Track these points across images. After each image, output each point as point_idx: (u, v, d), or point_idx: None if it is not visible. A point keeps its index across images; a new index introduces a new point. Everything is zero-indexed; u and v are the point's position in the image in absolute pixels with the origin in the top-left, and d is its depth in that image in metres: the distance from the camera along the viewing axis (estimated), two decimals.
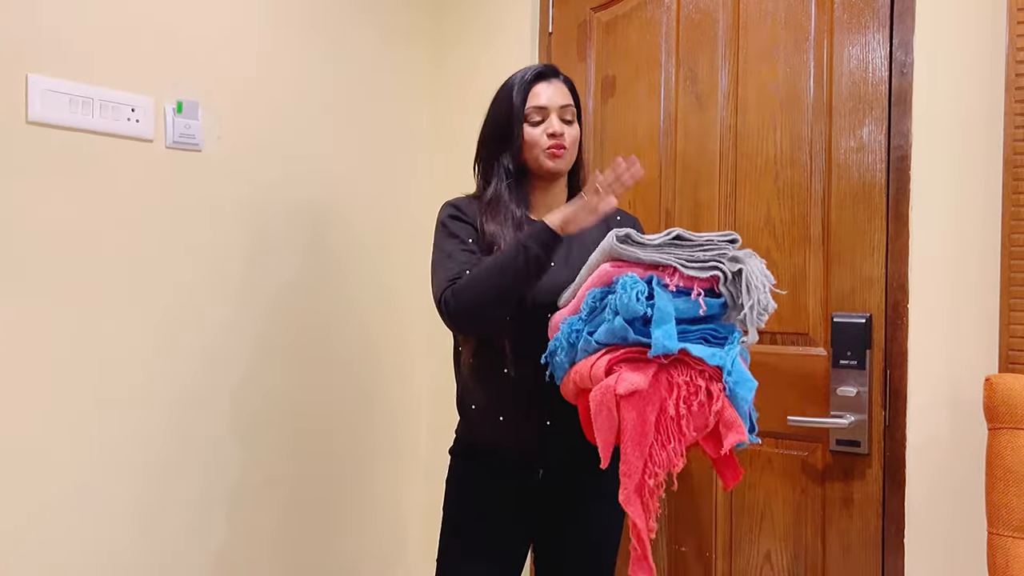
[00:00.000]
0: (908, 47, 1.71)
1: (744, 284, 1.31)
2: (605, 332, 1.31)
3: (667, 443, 1.26)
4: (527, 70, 1.67)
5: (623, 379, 1.25)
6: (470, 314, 1.50)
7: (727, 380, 1.28)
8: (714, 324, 1.34)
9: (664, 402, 1.26)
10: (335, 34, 2.26)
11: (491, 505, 1.63)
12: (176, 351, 1.90)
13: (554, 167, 1.63)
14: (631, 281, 1.29)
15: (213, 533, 1.99)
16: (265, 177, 2.08)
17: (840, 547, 1.80)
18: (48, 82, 1.67)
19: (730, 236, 1.34)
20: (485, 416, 1.63)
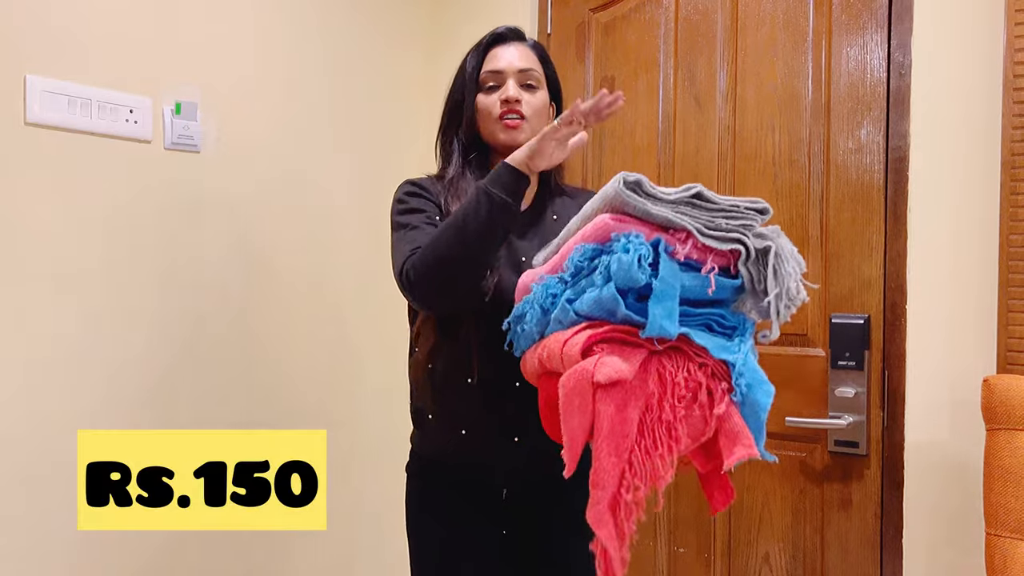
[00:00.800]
0: (906, 48, 1.72)
1: (771, 266, 1.04)
2: (590, 302, 1.05)
3: (653, 450, 0.99)
4: (486, 35, 1.50)
5: (604, 363, 0.99)
6: (435, 280, 1.28)
7: (738, 381, 1.02)
8: (722, 309, 1.08)
9: (652, 399, 1.01)
10: (333, 35, 2.26)
11: (456, 533, 1.44)
12: (175, 352, 1.90)
13: (508, 139, 1.41)
14: (636, 241, 1.02)
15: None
16: (263, 178, 2.08)
17: (838, 548, 1.81)
18: (47, 83, 1.67)
19: (759, 204, 1.05)
20: (445, 428, 1.42)
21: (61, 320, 1.71)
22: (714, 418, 1.02)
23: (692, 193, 1.04)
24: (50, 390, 1.69)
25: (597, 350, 1.02)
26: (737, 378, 1.02)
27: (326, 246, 2.23)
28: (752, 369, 1.04)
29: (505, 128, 1.42)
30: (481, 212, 1.24)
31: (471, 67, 1.46)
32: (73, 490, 1.33)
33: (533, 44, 1.51)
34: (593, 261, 1.08)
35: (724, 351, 1.04)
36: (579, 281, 1.11)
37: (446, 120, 1.51)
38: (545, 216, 1.49)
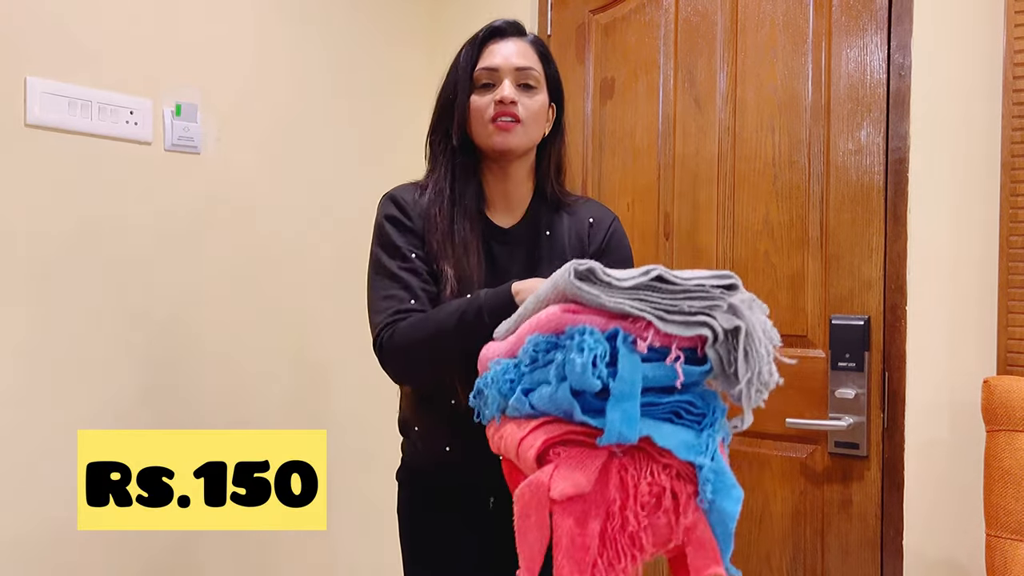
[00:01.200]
0: (906, 50, 1.72)
1: (741, 348, 0.94)
2: (546, 400, 0.97)
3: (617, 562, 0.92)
4: (483, 28, 1.40)
5: (560, 478, 0.92)
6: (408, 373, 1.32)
7: (703, 487, 0.93)
8: (691, 394, 0.98)
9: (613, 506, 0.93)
10: (334, 36, 2.26)
11: (446, 542, 1.42)
12: (175, 352, 1.90)
13: (501, 143, 1.33)
14: (589, 339, 0.93)
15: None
16: (264, 180, 2.08)
17: (839, 549, 1.80)
18: (47, 84, 1.67)
19: (727, 279, 0.95)
20: (429, 443, 1.42)
21: (61, 321, 1.71)
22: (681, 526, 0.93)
23: (652, 276, 0.94)
24: (50, 390, 1.69)
25: (553, 456, 0.95)
26: (703, 484, 0.93)
27: (327, 247, 2.23)
28: (719, 472, 0.94)
29: (498, 130, 1.32)
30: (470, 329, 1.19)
31: (465, 63, 1.36)
32: (73, 490, 1.33)
33: (533, 40, 1.41)
34: (548, 353, 0.99)
35: (690, 451, 0.94)
36: (534, 370, 1.01)
37: (436, 119, 1.41)
38: (538, 232, 1.41)
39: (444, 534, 1.42)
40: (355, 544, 2.32)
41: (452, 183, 1.36)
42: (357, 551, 2.33)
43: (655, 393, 0.95)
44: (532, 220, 1.41)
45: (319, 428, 1.47)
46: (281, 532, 2.12)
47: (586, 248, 1.41)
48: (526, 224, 1.41)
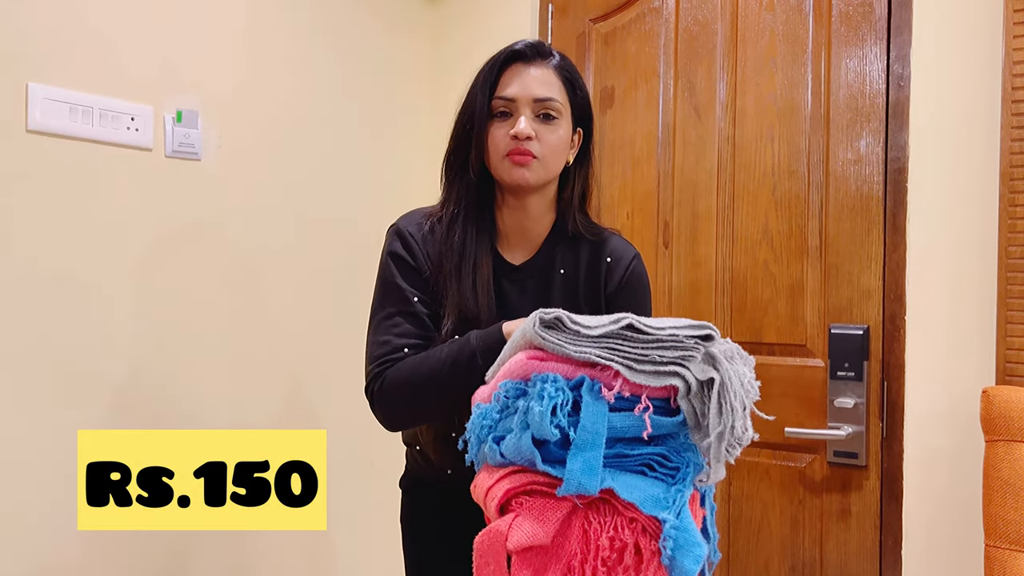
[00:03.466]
0: (905, 60, 1.73)
1: (715, 401, 0.91)
2: (511, 448, 0.95)
3: None
4: (504, 49, 1.29)
5: (517, 528, 0.90)
6: (399, 421, 1.31)
7: (664, 544, 0.90)
8: (665, 447, 0.95)
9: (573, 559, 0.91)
10: (334, 43, 2.27)
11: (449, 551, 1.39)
12: (175, 357, 1.90)
13: (515, 180, 1.25)
14: (550, 387, 0.91)
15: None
16: (264, 186, 2.08)
17: (838, 559, 1.80)
18: (48, 91, 1.67)
19: (703, 330, 0.92)
20: (432, 463, 1.39)
21: (62, 324, 1.71)
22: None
23: (622, 325, 0.92)
24: (50, 391, 1.69)
25: (515, 506, 0.94)
26: (664, 540, 0.90)
27: (327, 253, 2.23)
28: (684, 530, 0.91)
29: (514, 165, 1.24)
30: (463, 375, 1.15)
31: (483, 89, 1.26)
32: (73, 490, 1.33)
33: (558, 64, 1.29)
34: (517, 400, 0.97)
35: (657, 505, 0.91)
36: (505, 418, 0.99)
37: (453, 147, 1.32)
38: (552, 269, 1.34)
39: (447, 544, 1.40)
40: (355, 544, 2.32)
41: (466, 217, 1.29)
42: (357, 551, 2.32)
43: (626, 444, 0.93)
44: (547, 257, 1.34)
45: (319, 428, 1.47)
46: (281, 532, 2.12)
47: (601, 288, 1.34)
48: (540, 261, 1.34)
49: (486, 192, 1.31)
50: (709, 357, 0.92)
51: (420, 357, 1.23)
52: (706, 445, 0.92)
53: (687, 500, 0.93)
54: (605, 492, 0.91)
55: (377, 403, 1.27)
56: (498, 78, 1.26)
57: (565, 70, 1.29)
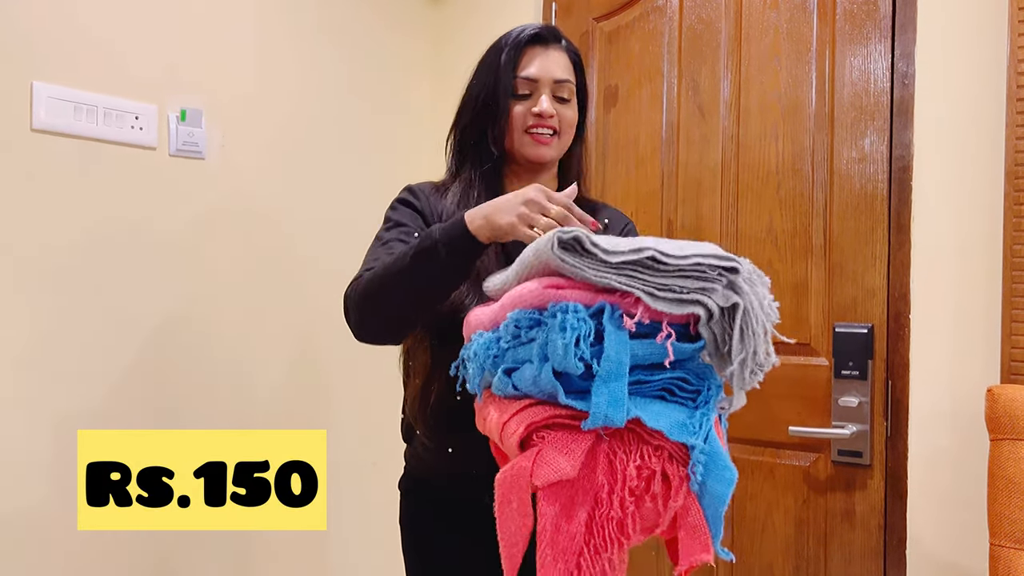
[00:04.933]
0: (910, 58, 1.72)
1: (737, 327, 0.88)
2: (528, 382, 0.92)
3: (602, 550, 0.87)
4: (522, 29, 1.37)
5: (543, 462, 0.86)
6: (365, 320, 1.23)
7: (694, 469, 0.88)
8: (684, 370, 0.92)
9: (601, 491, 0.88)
10: (337, 42, 2.27)
11: (449, 553, 1.41)
12: (177, 355, 1.91)
13: (537, 155, 1.34)
14: (572, 318, 0.87)
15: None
16: (268, 184, 2.09)
17: (842, 558, 1.80)
18: (53, 90, 1.68)
19: (730, 262, 0.88)
20: (431, 446, 1.38)
21: (65, 323, 1.71)
22: (670, 510, 0.89)
23: (644, 256, 0.87)
24: (52, 391, 1.70)
25: (536, 440, 0.89)
26: (694, 465, 0.88)
27: (331, 251, 2.24)
28: (713, 454, 0.89)
29: (534, 143, 1.33)
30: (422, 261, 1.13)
31: (505, 67, 1.32)
32: (73, 490, 1.34)
33: (569, 48, 1.40)
34: (531, 330, 0.93)
35: (683, 431, 0.89)
36: (517, 348, 0.95)
37: (467, 119, 1.37)
38: None
39: (447, 545, 1.41)
40: (355, 545, 2.32)
41: (480, 182, 1.34)
42: (357, 552, 2.33)
43: (645, 370, 0.90)
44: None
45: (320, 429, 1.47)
46: (281, 532, 2.12)
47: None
48: None
49: (499, 163, 1.37)
50: (731, 284, 0.89)
51: (385, 261, 1.20)
52: (729, 372, 0.91)
53: (712, 424, 0.90)
54: (631, 422, 0.88)
55: (348, 308, 1.24)
56: (519, 59, 1.34)
57: (574, 54, 1.40)
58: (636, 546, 0.92)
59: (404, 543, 1.47)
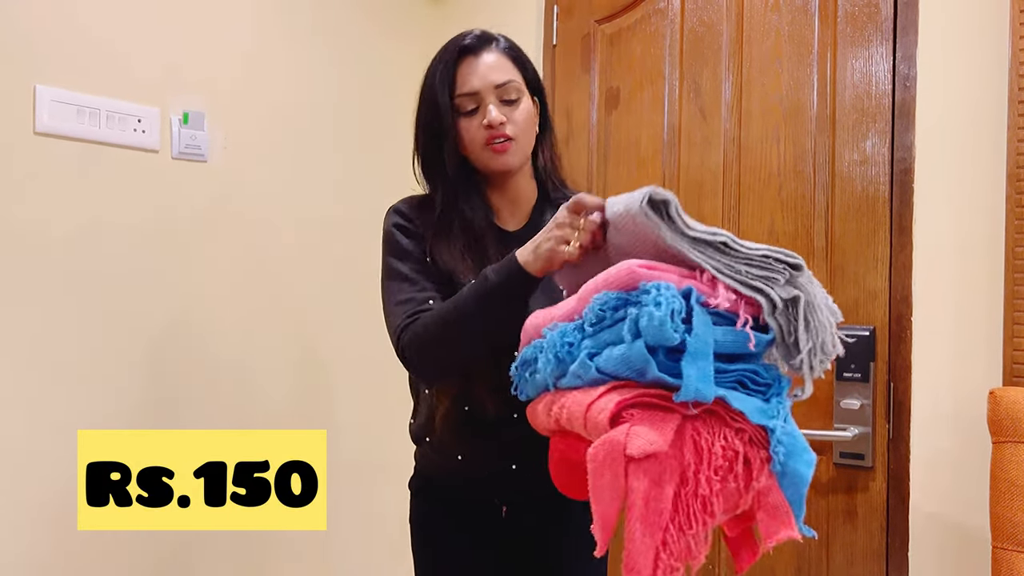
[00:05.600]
0: (911, 60, 1.72)
1: (802, 318, 0.94)
2: (617, 360, 0.95)
3: (687, 528, 0.90)
4: (451, 44, 1.35)
5: (636, 435, 0.89)
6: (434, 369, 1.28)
7: (776, 450, 0.92)
8: (755, 365, 0.97)
9: (687, 470, 0.91)
10: (340, 45, 2.28)
11: (459, 552, 1.42)
12: (179, 357, 1.91)
13: (500, 165, 1.32)
14: (668, 293, 0.91)
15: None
16: (270, 187, 2.09)
17: (844, 560, 1.80)
18: (55, 93, 1.68)
19: (793, 259, 0.95)
20: (442, 452, 1.38)
21: (67, 324, 1.72)
22: (752, 491, 0.92)
23: (718, 240, 0.95)
24: (53, 391, 1.70)
25: (626, 416, 0.92)
26: (775, 446, 0.92)
27: (333, 253, 2.24)
28: (793, 436, 0.93)
29: (494, 154, 1.31)
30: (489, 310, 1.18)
31: (441, 89, 1.31)
32: (73, 490, 1.34)
33: (504, 47, 1.35)
34: (617, 312, 0.97)
35: (763, 415, 0.93)
36: (600, 332, 0.99)
37: (424, 147, 1.37)
38: None
39: (456, 545, 1.42)
40: (355, 545, 2.32)
41: (457, 203, 1.33)
42: (357, 552, 2.33)
43: (721, 360, 0.93)
44: (539, 221, 1.37)
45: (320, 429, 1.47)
46: (281, 532, 2.12)
47: None
48: (531, 227, 1.37)
49: (472, 177, 1.36)
50: (792, 280, 0.95)
51: (442, 306, 1.23)
52: (798, 361, 0.95)
53: (789, 410, 0.95)
54: (713, 405, 0.91)
55: (408, 358, 1.25)
56: (454, 76, 1.31)
57: (511, 50, 1.35)
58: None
59: (414, 542, 1.47)
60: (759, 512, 0.93)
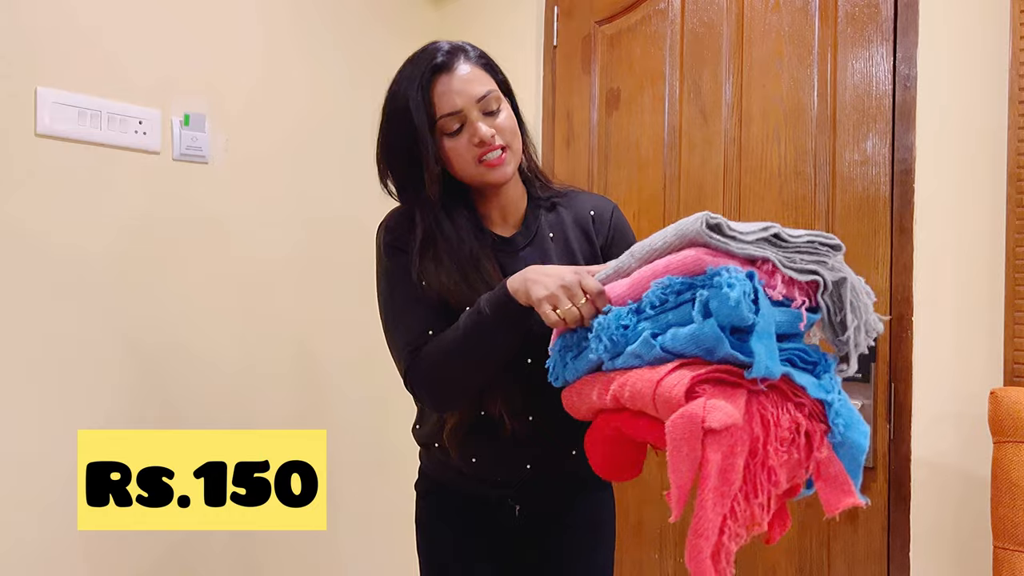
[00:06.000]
0: (912, 61, 1.72)
1: (848, 298, 1.01)
2: (685, 339, 0.99)
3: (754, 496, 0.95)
4: (419, 62, 1.27)
5: (715, 408, 0.93)
6: (452, 399, 1.28)
7: (835, 421, 0.98)
8: (803, 345, 1.03)
9: (756, 443, 0.96)
10: (342, 47, 2.28)
11: (470, 553, 1.41)
12: (179, 358, 1.91)
13: (500, 177, 1.28)
14: (739, 277, 0.96)
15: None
16: (271, 189, 2.09)
17: (845, 561, 1.79)
18: (57, 95, 1.69)
19: (833, 240, 1.02)
20: (453, 456, 1.36)
21: (67, 324, 1.72)
22: (812, 462, 0.98)
23: (770, 233, 1.01)
24: (52, 391, 1.70)
25: (700, 391, 0.96)
26: (835, 418, 0.98)
27: (335, 255, 2.24)
28: (848, 408, 0.99)
29: (490, 168, 1.26)
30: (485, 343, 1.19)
31: (418, 113, 1.24)
32: (73, 490, 1.34)
33: (475, 56, 1.30)
34: (681, 295, 1.02)
35: (820, 390, 0.99)
36: (662, 315, 1.04)
37: (399, 176, 1.33)
38: (542, 236, 1.37)
39: (467, 547, 1.41)
40: (355, 545, 2.32)
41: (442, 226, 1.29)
42: (357, 552, 2.33)
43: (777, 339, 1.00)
44: (533, 225, 1.38)
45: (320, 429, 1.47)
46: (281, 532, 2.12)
47: (594, 242, 1.38)
48: (528, 230, 1.37)
49: (457, 192, 1.32)
50: (834, 259, 1.02)
51: (443, 337, 1.23)
52: (845, 338, 1.02)
53: (840, 385, 1.01)
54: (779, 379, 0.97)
55: (418, 390, 1.27)
56: (430, 97, 1.24)
57: (482, 58, 1.30)
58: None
59: (420, 544, 1.46)
60: (819, 482, 0.99)
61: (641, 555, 2.10)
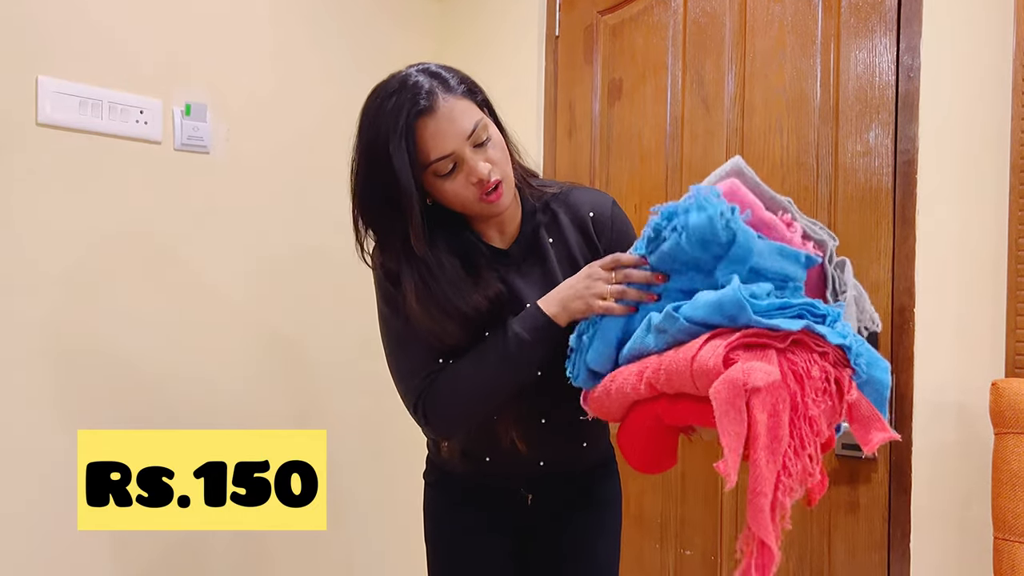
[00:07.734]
0: (915, 51, 1.71)
1: (848, 272, 1.11)
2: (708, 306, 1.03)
3: (802, 449, 0.98)
4: (397, 107, 1.16)
5: (754, 369, 0.96)
6: (466, 425, 1.30)
7: (858, 362, 1.02)
8: (812, 300, 1.07)
9: (795, 397, 0.98)
10: (344, 36, 2.27)
11: (480, 542, 1.42)
12: (179, 352, 1.91)
13: (499, 210, 1.23)
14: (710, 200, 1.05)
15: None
16: (272, 179, 2.09)
17: (846, 551, 1.80)
18: (58, 84, 1.68)
19: (833, 235, 1.14)
20: (465, 457, 1.38)
21: (66, 318, 1.72)
22: (845, 405, 1.02)
23: (786, 199, 1.12)
24: (52, 390, 1.70)
25: (734, 357, 0.99)
26: (856, 359, 1.03)
27: (335, 248, 2.24)
28: (867, 348, 1.04)
29: (491, 204, 1.21)
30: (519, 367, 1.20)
31: (402, 165, 1.15)
32: (73, 490, 1.34)
33: (454, 85, 1.20)
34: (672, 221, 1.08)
35: (838, 336, 1.03)
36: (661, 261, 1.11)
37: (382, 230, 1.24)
38: (541, 244, 1.34)
39: (477, 535, 1.42)
40: (355, 544, 2.32)
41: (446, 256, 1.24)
42: (357, 551, 2.33)
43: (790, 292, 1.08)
44: (531, 234, 1.35)
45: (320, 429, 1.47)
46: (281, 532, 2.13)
47: (596, 243, 1.34)
48: (525, 239, 1.34)
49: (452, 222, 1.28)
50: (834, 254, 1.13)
51: (463, 365, 1.22)
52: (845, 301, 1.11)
53: (853, 330, 1.06)
54: (801, 332, 1.02)
55: (430, 420, 1.25)
56: (415, 143, 1.16)
57: (462, 83, 1.22)
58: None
59: (428, 533, 1.47)
60: (853, 424, 1.04)
61: (642, 545, 2.10)
